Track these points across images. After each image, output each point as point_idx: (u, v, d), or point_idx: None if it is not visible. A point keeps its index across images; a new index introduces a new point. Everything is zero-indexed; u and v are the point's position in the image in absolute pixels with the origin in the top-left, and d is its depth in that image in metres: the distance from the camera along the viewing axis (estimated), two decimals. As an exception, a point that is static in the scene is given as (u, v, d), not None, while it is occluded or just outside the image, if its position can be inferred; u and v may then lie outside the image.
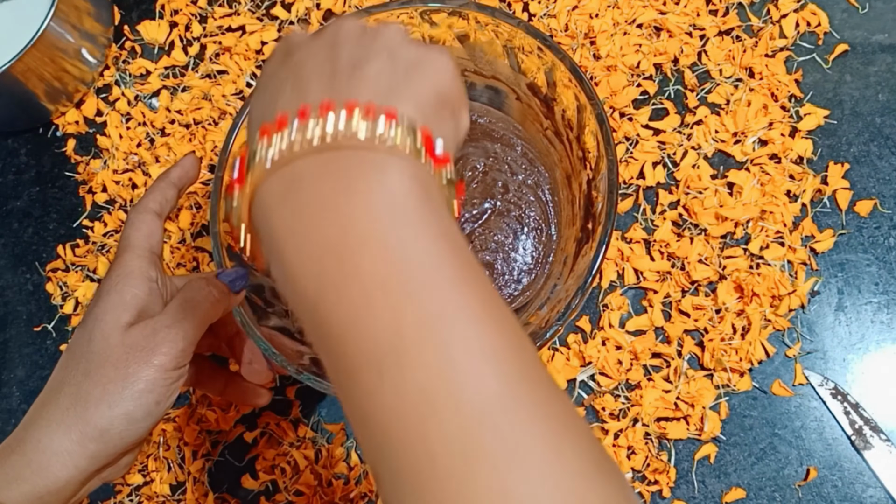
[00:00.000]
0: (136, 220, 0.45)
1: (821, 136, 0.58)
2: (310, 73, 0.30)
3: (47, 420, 0.40)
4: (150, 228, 0.45)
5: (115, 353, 0.40)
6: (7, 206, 0.68)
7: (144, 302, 0.42)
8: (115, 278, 0.43)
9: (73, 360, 0.42)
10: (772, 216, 0.56)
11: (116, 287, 0.42)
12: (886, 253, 0.56)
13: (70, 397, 0.40)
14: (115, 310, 0.41)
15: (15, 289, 0.65)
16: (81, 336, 0.42)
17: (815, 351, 0.54)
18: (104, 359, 0.40)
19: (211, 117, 0.66)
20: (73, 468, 0.39)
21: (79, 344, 0.42)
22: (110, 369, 0.40)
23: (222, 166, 0.50)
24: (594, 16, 0.62)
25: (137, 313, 0.42)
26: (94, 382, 0.40)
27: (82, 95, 0.69)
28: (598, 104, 0.48)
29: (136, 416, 0.40)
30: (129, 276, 0.43)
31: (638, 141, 0.59)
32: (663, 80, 0.61)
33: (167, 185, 0.47)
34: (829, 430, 0.53)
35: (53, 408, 0.41)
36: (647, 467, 0.53)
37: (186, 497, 0.57)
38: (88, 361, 0.41)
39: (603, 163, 0.47)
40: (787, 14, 0.61)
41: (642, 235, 0.57)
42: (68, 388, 0.41)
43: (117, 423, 0.40)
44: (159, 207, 0.46)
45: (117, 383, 0.40)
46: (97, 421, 0.40)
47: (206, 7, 0.69)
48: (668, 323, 0.55)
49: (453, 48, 0.54)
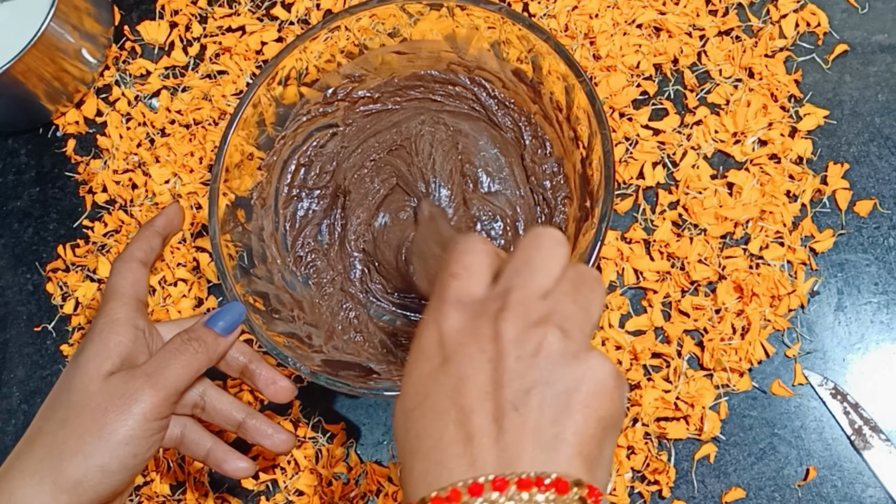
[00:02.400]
0: (121, 269, 0.44)
1: (820, 136, 0.58)
2: (471, 403, 0.28)
3: (20, 471, 0.39)
4: (136, 276, 0.44)
5: (93, 401, 0.39)
6: (7, 206, 0.68)
7: (129, 350, 0.42)
8: (100, 326, 0.42)
9: (51, 409, 0.41)
10: (771, 216, 0.56)
11: (101, 335, 0.41)
12: (886, 253, 0.56)
13: (45, 447, 0.39)
14: (97, 357, 0.41)
15: (15, 289, 0.65)
16: (62, 384, 0.41)
17: (814, 351, 0.54)
18: (82, 407, 0.39)
19: (211, 117, 0.66)
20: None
21: (59, 392, 0.41)
22: (87, 418, 0.39)
23: (217, 178, 0.50)
24: (594, 16, 0.62)
25: (121, 361, 0.41)
26: (71, 431, 0.39)
27: (82, 96, 0.69)
28: (587, 81, 0.48)
29: (111, 469, 0.39)
30: (115, 323, 0.42)
31: (637, 141, 0.59)
32: (663, 80, 0.61)
33: (152, 233, 0.46)
34: (828, 430, 0.53)
35: (28, 458, 0.39)
36: (647, 467, 0.53)
37: (186, 497, 0.57)
38: (67, 409, 0.40)
39: (597, 139, 0.47)
40: (786, 14, 0.61)
41: (642, 235, 0.57)
42: (44, 437, 0.40)
43: (91, 476, 0.39)
44: (144, 256, 0.45)
45: (94, 433, 0.39)
46: (71, 472, 0.38)
47: (206, 7, 0.69)
48: (667, 323, 0.55)
49: (437, 41, 0.54)
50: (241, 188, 0.52)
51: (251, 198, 0.53)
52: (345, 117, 0.57)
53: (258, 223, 0.54)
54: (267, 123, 0.53)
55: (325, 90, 0.56)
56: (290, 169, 0.56)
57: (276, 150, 0.55)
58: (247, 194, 0.53)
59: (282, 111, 0.54)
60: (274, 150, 0.55)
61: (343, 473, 0.56)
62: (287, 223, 0.56)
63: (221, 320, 0.44)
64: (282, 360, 0.46)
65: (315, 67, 0.54)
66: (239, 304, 0.46)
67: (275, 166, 0.55)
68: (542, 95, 0.52)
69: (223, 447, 0.46)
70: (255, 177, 0.54)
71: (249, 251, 0.52)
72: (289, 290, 0.53)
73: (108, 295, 0.44)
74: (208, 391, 0.46)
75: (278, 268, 0.54)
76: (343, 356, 0.52)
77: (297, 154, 0.56)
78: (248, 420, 0.46)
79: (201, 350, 0.42)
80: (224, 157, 0.50)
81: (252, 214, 0.53)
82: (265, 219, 0.54)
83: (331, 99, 0.56)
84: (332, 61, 0.54)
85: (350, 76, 0.56)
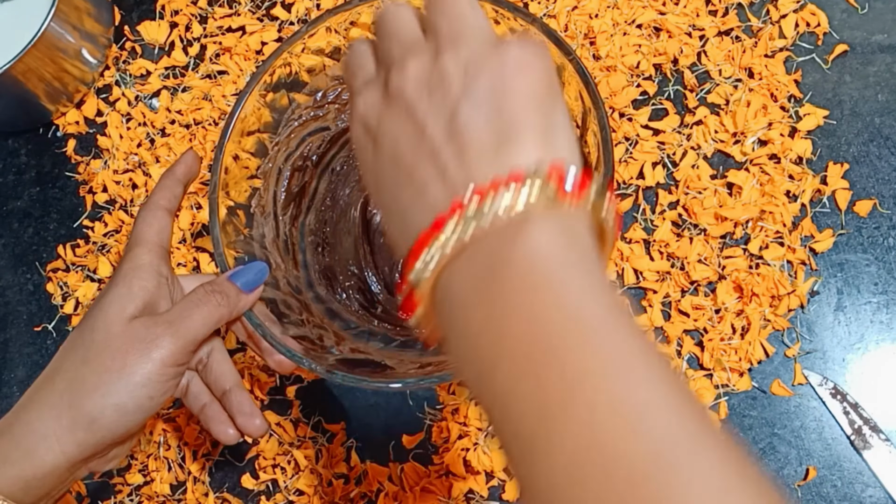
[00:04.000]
0: (147, 217, 0.45)
1: (820, 136, 0.58)
2: (414, 168, 0.30)
3: (39, 403, 0.40)
4: (161, 224, 0.45)
5: (114, 343, 0.40)
6: (7, 206, 0.68)
7: (152, 295, 0.42)
8: (124, 270, 0.43)
9: (73, 347, 0.41)
10: (771, 216, 0.56)
11: (125, 279, 0.42)
12: (886, 253, 0.56)
13: (65, 382, 0.40)
14: (120, 300, 0.41)
15: (15, 289, 0.65)
16: (85, 324, 0.42)
17: (814, 351, 0.54)
18: (104, 347, 0.40)
19: (211, 118, 0.66)
20: (59, 453, 0.39)
21: (81, 332, 0.42)
22: (108, 358, 0.40)
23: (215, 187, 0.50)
24: (594, 16, 0.62)
25: (144, 305, 0.42)
26: (91, 370, 0.40)
27: (82, 96, 0.69)
28: (577, 59, 0.48)
29: (127, 409, 0.40)
30: (139, 268, 0.43)
31: (637, 141, 0.59)
32: (663, 80, 0.61)
33: (174, 182, 0.47)
34: (828, 430, 0.53)
35: (48, 392, 0.41)
36: (647, 467, 0.53)
37: (186, 497, 0.57)
38: (87, 349, 0.41)
39: (591, 115, 0.47)
40: (786, 14, 0.61)
41: (642, 235, 0.57)
42: (65, 373, 0.41)
43: (108, 413, 0.40)
44: (168, 204, 0.46)
45: (113, 373, 0.40)
46: (89, 408, 0.39)
47: (206, 7, 0.69)
48: (667, 323, 0.55)
49: None
50: (239, 196, 0.53)
51: (250, 206, 0.54)
52: (336, 119, 0.57)
53: (259, 230, 0.54)
54: (260, 131, 0.54)
55: (315, 94, 0.56)
56: (285, 175, 0.56)
57: (271, 157, 0.55)
58: (246, 202, 0.53)
59: (275, 117, 0.54)
60: (269, 156, 0.55)
61: (343, 473, 0.56)
62: (286, 229, 0.56)
63: (244, 277, 0.45)
64: (297, 361, 0.46)
65: (306, 71, 0.54)
66: (261, 263, 0.46)
67: (271, 173, 0.55)
68: None
69: (217, 407, 0.47)
70: (252, 184, 0.54)
71: (253, 258, 0.52)
72: (295, 294, 0.53)
73: (134, 241, 0.44)
74: (215, 350, 0.46)
75: (283, 273, 0.54)
76: (356, 355, 0.52)
77: (291, 159, 0.56)
78: (235, 391, 0.46)
79: (223, 303, 0.43)
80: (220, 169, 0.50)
81: (253, 222, 0.53)
82: (266, 226, 0.55)
83: (321, 102, 0.56)
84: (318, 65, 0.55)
85: (338, 78, 0.56)
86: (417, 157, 0.30)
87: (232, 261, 0.49)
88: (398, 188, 0.30)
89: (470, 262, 0.27)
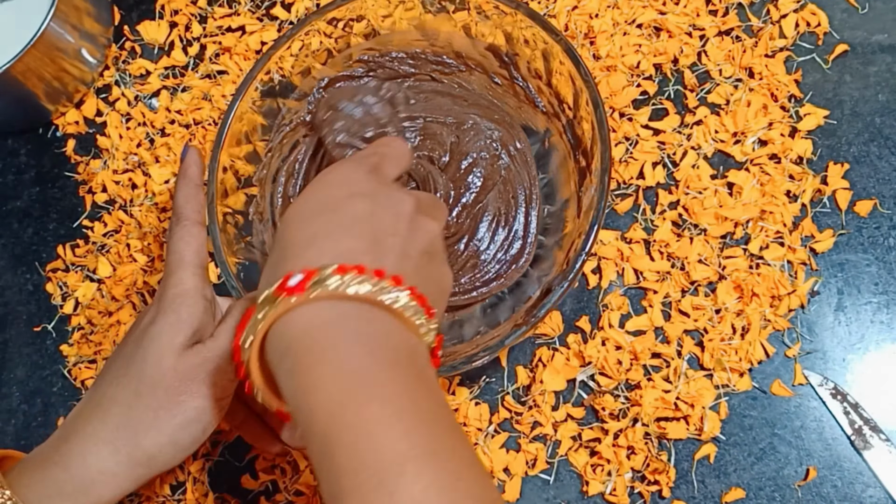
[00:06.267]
0: (183, 234, 0.43)
1: (820, 136, 0.58)
2: (376, 235, 0.36)
3: (94, 438, 0.40)
4: (199, 242, 0.44)
5: (167, 378, 0.40)
6: (7, 206, 0.68)
7: (200, 321, 0.42)
8: (170, 297, 0.42)
9: (123, 378, 0.41)
10: (771, 216, 0.56)
11: (172, 306, 0.41)
12: (886, 253, 0.56)
13: (120, 417, 0.40)
14: (171, 329, 0.41)
15: (15, 289, 0.65)
16: (135, 353, 0.41)
17: (814, 351, 0.54)
18: (157, 381, 0.40)
19: (211, 117, 0.66)
20: (116, 489, 0.39)
21: (132, 360, 0.41)
22: (161, 395, 0.40)
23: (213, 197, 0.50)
24: (594, 16, 0.62)
25: (193, 333, 0.41)
26: (146, 405, 0.40)
27: (82, 95, 0.69)
28: (564, 39, 0.48)
29: (183, 444, 0.40)
30: (185, 295, 0.42)
31: (637, 141, 0.59)
32: (663, 80, 0.61)
33: (196, 189, 0.46)
34: (828, 430, 0.53)
35: (100, 425, 0.40)
36: (647, 467, 0.53)
37: (186, 497, 0.57)
38: (140, 381, 0.40)
39: (583, 95, 0.47)
40: (786, 14, 0.61)
41: (642, 235, 0.57)
42: (118, 407, 0.40)
43: (166, 450, 0.40)
44: (199, 216, 0.45)
45: (167, 410, 0.40)
46: (146, 446, 0.39)
47: (206, 7, 0.69)
48: (667, 323, 0.55)
49: (409, 32, 0.54)
50: (237, 204, 0.53)
51: (248, 213, 0.54)
52: None
53: (259, 237, 0.54)
54: (253, 138, 0.54)
55: (304, 97, 0.56)
56: (280, 180, 0.56)
57: (265, 164, 0.55)
58: (244, 209, 0.53)
59: (268, 123, 0.55)
60: (263, 163, 0.55)
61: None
62: None
63: None
64: None
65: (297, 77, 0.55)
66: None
67: (266, 179, 0.55)
68: (520, 67, 0.53)
69: (256, 422, 0.47)
70: (249, 192, 0.54)
71: (255, 265, 0.52)
72: None
73: (175, 263, 0.43)
74: None
75: None
76: None
77: (285, 165, 0.56)
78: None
79: None
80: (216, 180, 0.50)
81: (252, 229, 0.53)
82: (265, 233, 0.55)
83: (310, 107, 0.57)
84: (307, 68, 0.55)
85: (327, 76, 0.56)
86: (382, 236, 0.37)
87: (234, 268, 0.49)
88: (345, 229, 0.36)
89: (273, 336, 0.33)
